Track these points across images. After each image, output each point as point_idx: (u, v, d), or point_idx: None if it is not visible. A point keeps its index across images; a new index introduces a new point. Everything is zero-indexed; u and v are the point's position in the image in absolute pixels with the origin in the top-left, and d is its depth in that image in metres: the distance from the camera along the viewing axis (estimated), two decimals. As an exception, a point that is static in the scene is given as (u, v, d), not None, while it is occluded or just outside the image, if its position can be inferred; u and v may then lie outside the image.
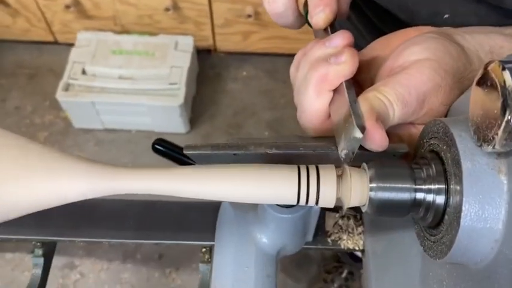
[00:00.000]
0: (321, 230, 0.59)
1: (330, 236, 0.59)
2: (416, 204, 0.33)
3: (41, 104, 1.75)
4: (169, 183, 0.33)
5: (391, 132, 0.38)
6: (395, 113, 0.36)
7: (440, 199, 0.32)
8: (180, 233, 0.60)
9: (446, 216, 0.32)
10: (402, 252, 0.47)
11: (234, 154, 0.37)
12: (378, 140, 0.34)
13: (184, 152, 0.37)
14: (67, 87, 1.56)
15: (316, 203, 0.34)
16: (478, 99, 0.29)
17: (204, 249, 0.60)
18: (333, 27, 0.41)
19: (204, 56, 1.83)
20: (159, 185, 0.33)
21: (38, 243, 0.62)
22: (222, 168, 0.34)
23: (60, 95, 1.54)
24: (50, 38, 1.82)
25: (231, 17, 1.67)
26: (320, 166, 0.35)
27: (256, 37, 1.75)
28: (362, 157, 0.35)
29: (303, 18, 0.44)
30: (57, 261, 1.40)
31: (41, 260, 0.62)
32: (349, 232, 0.58)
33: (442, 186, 0.32)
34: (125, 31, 1.74)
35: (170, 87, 1.56)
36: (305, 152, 0.37)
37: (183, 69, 1.59)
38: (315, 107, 0.37)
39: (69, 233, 0.61)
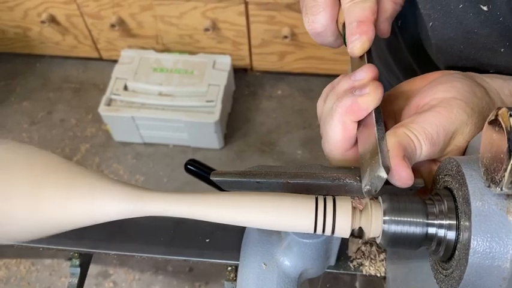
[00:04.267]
0: (343, 255, 0.60)
1: (352, 261, 0.60)
2: (428, 238, 0.34)
3: (85, 117, 1.83)
4: (192, 208, 0.35)
5: (413, 168, 0.38)
6: (423, 152, 0.36)
7: (451, 235, 0.33)
8: (207, 251, 0.63)
9: (456, 252, 0.33)
10: (421, 281, 0.47)
11: (257, 182, 0.39)
12: (404, 178, 0.34)
13: (211, 178, 0.40)
14: (109, 102, 1.63)
15: (332, 233, 0.36)
16: (488, 141, 0.30)
17: (229, 268, 0.63)
18: (369, 54, 0.41)
19: (240, 74, 1.87)
20: (182, 209, 0.35)
21: (76, 254, 0.66)
22: (243, 195, 0.36)
23: (103, 109, 1.61)
24: (95, 55, 1.91)
25: (267, 37, 1.71)
26: (337, 198, 0.36)
27: (292, 57, 1.78)
28: (380, 190, 0.36)
29: (341, 38, 0.44)
30: (92, 269, 1.46)
31: (78, 270, 0.66)
32: (371, 258, 0.59)
33: (453, 222, 0.33)
34: (166, 50, 1.81)
35: (207, 104, 1.61)
36: (325, 182, 0.38)
37: (219, 87, 1.63)
38: (339, 137, 0.38)
39: (104, 245, 0.65)
